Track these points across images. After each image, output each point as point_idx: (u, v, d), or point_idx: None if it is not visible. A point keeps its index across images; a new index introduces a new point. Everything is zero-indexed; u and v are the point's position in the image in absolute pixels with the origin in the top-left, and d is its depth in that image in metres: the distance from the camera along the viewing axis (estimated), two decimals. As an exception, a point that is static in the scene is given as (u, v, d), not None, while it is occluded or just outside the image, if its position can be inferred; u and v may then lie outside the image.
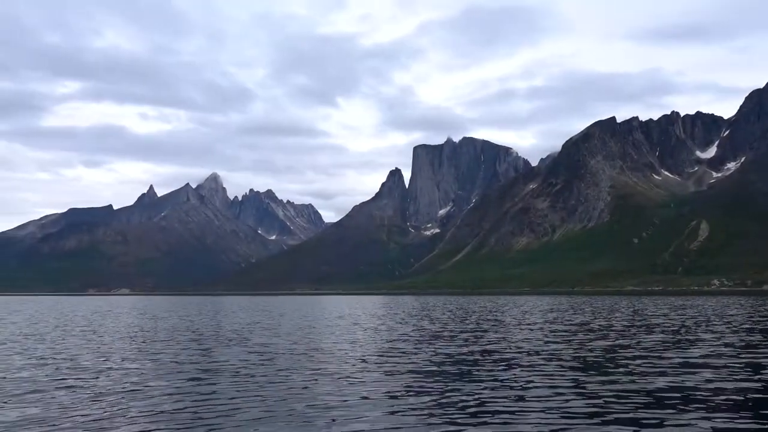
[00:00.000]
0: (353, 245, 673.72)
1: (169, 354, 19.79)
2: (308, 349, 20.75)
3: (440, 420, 9.99)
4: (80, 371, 15.59)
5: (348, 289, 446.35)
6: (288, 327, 33.45)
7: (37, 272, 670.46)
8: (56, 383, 13.64)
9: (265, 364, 16.93)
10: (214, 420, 9.92)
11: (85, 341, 24.79)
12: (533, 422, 9.81)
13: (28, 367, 16.49)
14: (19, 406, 11.22)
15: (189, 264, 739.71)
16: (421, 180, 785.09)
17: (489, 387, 12.96)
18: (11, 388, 13.04)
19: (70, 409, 10.92)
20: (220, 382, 13.80)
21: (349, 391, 12.57)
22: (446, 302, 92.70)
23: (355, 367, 16.22)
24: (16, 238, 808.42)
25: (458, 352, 19.80)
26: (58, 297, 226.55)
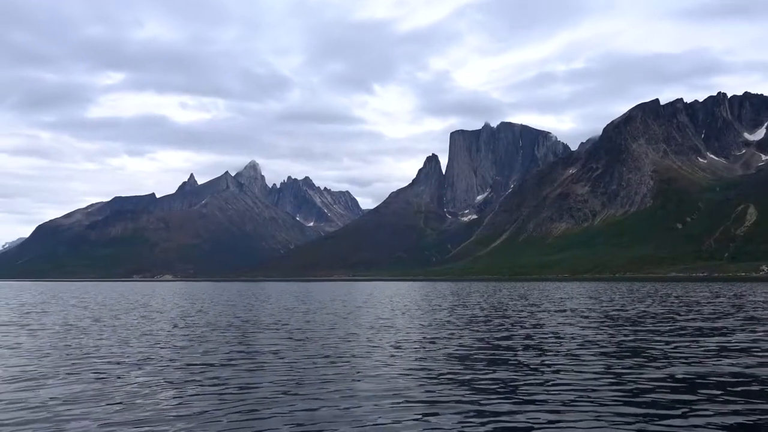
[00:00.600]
0: (390, 232, 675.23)
1: (212, 338, 20.35)
2: (345, 335, 21.09)
3: (471, 406, 10.08)
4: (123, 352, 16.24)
5: (384, 275, 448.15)
6: (325, 312, 33.94)
7: (85, 259, 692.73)
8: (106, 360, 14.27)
9: (301, 348, 17.30)
10: (250, 403, 10.27)
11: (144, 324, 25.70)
12: (562, 409, 9.82)
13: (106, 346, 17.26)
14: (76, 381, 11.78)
15: (229, 250, 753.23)
16: (459, 166, 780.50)
17: (520, 372, 13.03)
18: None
19: (110, 385, 11.45)
20: (257, 365, 14.19)
21: (383, 376, 12.80)
22: (483, 289, 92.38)
23: (390, 352, 16.45)
24: (65, 225, 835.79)
25: (492, 337, 19.86)
26: (108, 283, 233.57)
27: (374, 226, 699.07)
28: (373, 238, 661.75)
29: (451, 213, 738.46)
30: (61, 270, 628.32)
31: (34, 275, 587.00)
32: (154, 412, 9.61)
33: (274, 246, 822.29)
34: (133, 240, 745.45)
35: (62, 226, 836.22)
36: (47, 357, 15.62)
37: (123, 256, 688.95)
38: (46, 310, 37.21)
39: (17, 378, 12.52)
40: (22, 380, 12.27)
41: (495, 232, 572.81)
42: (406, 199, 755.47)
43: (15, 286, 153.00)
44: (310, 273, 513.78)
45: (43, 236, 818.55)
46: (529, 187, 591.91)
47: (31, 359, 15.24)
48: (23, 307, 42.50)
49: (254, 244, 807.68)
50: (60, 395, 10.79)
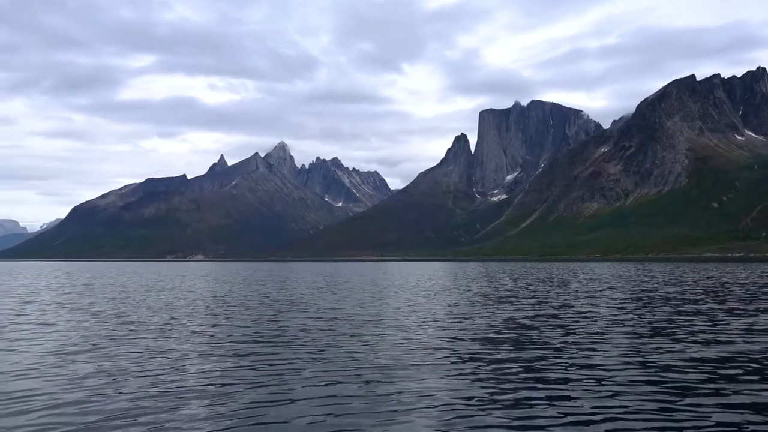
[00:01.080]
0: (419, 212, 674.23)
1: (243, 317, 20.77)
2: (372, 314, 21.32)
3: (493, 384, 10.17)
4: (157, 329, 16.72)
5: (413, 255, 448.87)
6: (353, 292, 34.27)
7: (119, 239, 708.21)
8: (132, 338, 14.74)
9: (328, 328, 17.56)
10: (277, 384, 10.54)
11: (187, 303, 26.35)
12: (584, 387, 9.85)
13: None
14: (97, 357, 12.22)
15: (259, 231, 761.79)
16: (488, 145, 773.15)
17: (544, 351, 13.07)
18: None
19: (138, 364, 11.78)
20: (286, 344, 14.48)
21: (409, 355, 12.96)
22: (512, 269, 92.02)
23: (415, 331, 16.61)
24: (100, 207, 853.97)
25: (519, 316, 19.88)
26: (142, 263, 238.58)
27: (403, 207, 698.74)
28: (402, 218, 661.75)
29: (480, 193, 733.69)
30: (97, 250, 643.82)
31: (71, 255, 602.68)
32: (180, 387, 9.88)
33: (303, 226, 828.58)
34: (166, 221, 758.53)
35: (98, 207, 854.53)
36: (84, 334, 16.16)
37: (156, 237, 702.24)
38: (86, 290, 38.32)
39: (55, 353, 13.00)
40: (61, 354, 12.76)
41: (525, 212, 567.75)
42: (435, 179, 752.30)
43: (54, 265, 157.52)
44: (339, 253, 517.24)
45: (80, 217, 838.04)
46: (560, 167, 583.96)
47: (70, 336, 15.78)
48: (63, 287, 43.82)
49: (284, 224, 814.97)
50: (94, 370, 11.21)
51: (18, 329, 17.32)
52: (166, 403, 8.79)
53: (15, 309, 24.04)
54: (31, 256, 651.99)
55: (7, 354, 13.07)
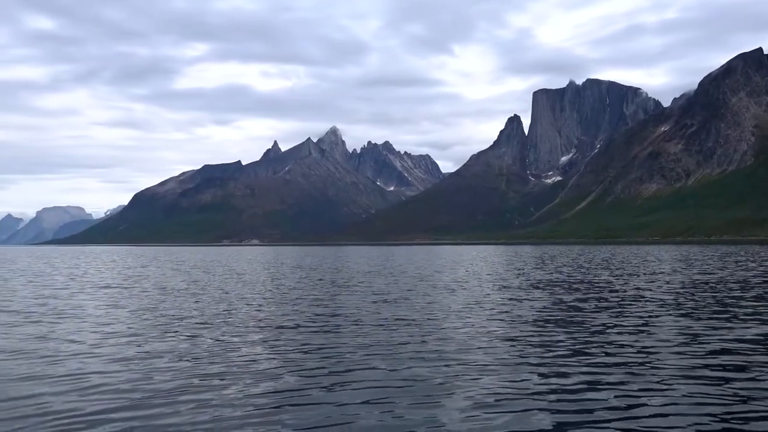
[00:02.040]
0: (471, 195, 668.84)
1: (297, 299, 21.29)
2: (423, 297, 21.49)
3: (537, 364, 10.21)
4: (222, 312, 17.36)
5: (466, 239, 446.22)
6: (405, 275, 34.50)
7: (178, 224, 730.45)
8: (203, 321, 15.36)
9: (378, 310, 17.81)
10: (330, 365, 10.83)
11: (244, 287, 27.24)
12: (633, 370, 9.84)
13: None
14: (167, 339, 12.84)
15: (312, 215, 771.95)
16: (542, 126, 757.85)
17: (594, 334, 12.95)
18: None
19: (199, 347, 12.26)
20: (337, 326, 14.80)
21: (460, 337, 13.07)
22: (567, 252, 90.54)
23: (465, 314, 16.68)
24: (159, 193, 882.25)
25: (571, 299, 19.67)
26: (199, 247, 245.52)
27: (455, 190, 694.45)
28: (454, 201, 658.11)
29: (534, 175, 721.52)
30: (157, 235, 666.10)
31: (133, 240, 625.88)
32: (227, 367, 10.23)
33: (356, 211, 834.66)
34: (222, 206, 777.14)
35: (157, 194, 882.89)
36: (144, 316, 16.93)
37: (213, 222, 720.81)
38: (147, 274, 39.90)
39: (117, 334, 13.70)
40: (122, 336, 13.44)
41: (580, 194, 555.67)
42: (487, 162, 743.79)
43: (118, 250, 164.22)
44: (391, 237, 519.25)
45: (141, 204, 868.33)
46: (617, 147, 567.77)
47: (131, 318, 16.57)
48: (129, 269, 45.69)
49: (336, 209, 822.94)
50: (152, 351, 11.69)
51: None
52: (216, 382, 9.24)
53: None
54: (96, 241, 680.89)
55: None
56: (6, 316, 16.90)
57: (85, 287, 27.45)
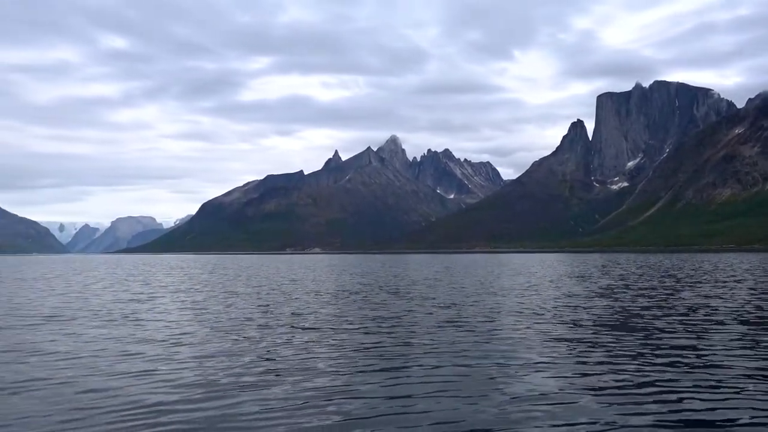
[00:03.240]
0: (533, 202, 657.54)
1: (359, 305, 21.82)
2: (489, 303, 21.61)
3: (595, 364, 10.17)
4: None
5: (528, 247, 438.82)
6: (469, 283, 34.57)
7: (243, 233, 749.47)
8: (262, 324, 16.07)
9: (437, 316, 18.08)
10: (389, 363, 11.15)
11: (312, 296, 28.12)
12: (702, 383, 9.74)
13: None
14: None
15: (372, 224, 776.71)
16: (607, 131, 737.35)
17: (653, 338, 12.83)
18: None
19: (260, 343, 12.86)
20: (398, 331, 15.18)
21: (525, 343, 13.23)
22: (634, 260, 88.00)
23: (533, 319, 16.75)
24: (225, 203, 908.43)
25: (634, 306, 19.37)
26: (264, 255, 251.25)
27: (517, 197, 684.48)
28: (516, 208, 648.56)
29: (599, 181, 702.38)
30: (223, 244, 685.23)
31: (200, 249, 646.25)
32: (291, 363, 10.77)
33: (416, 219, 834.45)
34: (285, 215, 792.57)
35: (223, 203, 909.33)
36: (204, 320, 17.80)
37: (276, 231, 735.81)
38: (213, 280, 41.49)
39: (191, 335, 14.55)
40: (195, 336, 14.29)
41: (648, 200, 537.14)
42: (550, 168, 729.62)
43: (189, 258, 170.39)
44: (452, 245, 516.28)
45: (208, 213, 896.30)
46: (688, 151, 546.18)
47: (191, 322, 17.47)
48: (201, 275, 47.56)
49: (397, 217, 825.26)
50: (210, 352, 12.31)
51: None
52: (278, 377, 9.79)
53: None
54: (166, 250, 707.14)
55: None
56: (91, 318, 18.15)
57: (165, 292, 28.92)
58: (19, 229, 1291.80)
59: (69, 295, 27.70)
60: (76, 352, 12.13)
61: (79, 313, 19.28)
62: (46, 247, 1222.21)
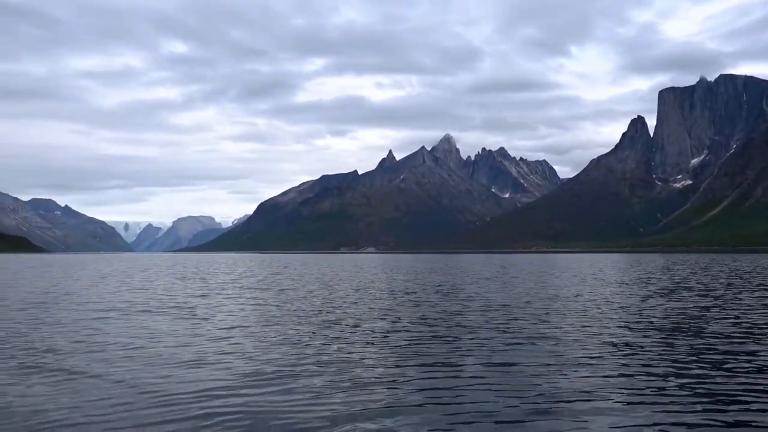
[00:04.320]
0: (591, 201, 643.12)
1: (412, 305, 21.82)
2: (541, 305, 21.25)
3: (651, 366, 10.00)
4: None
5: (586, 246, 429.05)
6: (525, 285, 34.09)
7: (299, 233, 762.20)
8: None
9: (492, 318, 17.87)
10: (439, 374, 11.11)
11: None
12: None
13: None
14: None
15: (427, 223, 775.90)
16: (669, 127, 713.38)
17: (717, 342, 12.29)
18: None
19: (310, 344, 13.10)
20: (456, 334, 15.08)
21: (581, 344, 12.94)
22: (699, 261, 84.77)
23: (589, 322, 16.37)
24: (281, 203, 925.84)
25: (692, 308, 18.64)
26: (319, 255, 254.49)
27: (574, 196, 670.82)
28: (573, 208, 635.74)
29: (660, 179, 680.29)
30: (279, 243, 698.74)
31: (257, 248, 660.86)
32: (330, 359, 10.85)
33: (470, 218, 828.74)
34: (340, 215, 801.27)
35: (279, 203, 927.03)
36: (264, 314, 18.13)
37: (331, 230, 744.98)
38: (273, 278, 42.29)
39: (250, 329, 14.85)
40: (253, 330, 14.58)
41: (714, 198, 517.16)
42: (609, 166, 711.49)
43: (245, 257, 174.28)
44: (507, 245, 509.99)
45: (264, 213, 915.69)
46: (757, 147, 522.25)
47: (251, 316, 17.82)
48: (271, 277, 48.57)
49: (451, 216, 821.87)
50: (269, 343, 12.67)
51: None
52: (331, 368, 9.90)
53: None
54: (225, 249, 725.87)
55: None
56: (160, 313, 18.81)
57: (229, 288, 29.70)
58: (88, 228, 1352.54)
59: (143, 290, 28.78)
60: (154, 342, 12.59)
61: (152, 306, 20.04)
62: (112, 246, 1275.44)
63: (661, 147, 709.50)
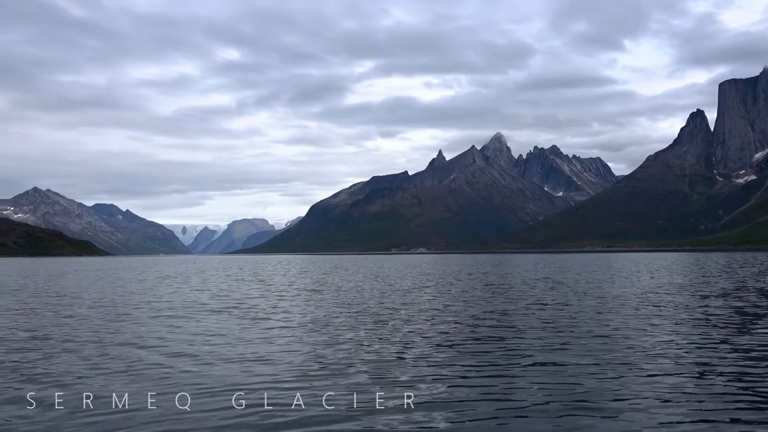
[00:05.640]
0: (648, 198, 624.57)
1: (467, 303, 22.11)
2: (602, 306, 21.19)
3: (715, 365, 10.04)
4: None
5: (643, 245, 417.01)
6: (578, 284, 33.82)
7: (350, 234, 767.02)
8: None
9: (551, 319, 17.97)
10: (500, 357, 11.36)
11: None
12: None
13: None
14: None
15: (478, 223, 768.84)
16: (731, 120, 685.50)
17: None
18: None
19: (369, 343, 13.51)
20: (514, 328, 15.33)
21: (645, 347, 13.02)
22: (763, 260, 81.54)
23: (652, 321, 16.33)
24: (332, 204, 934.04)
25: (756, 309, 18.25)
26: (372, 255, 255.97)
27: (630, 193, 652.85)
28: (629, 206, 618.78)
29: (722, 174, 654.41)
30: (331, 245, 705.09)
31: (309, 250, 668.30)
32: (404, 349, 11.20)
33: (523, 218, 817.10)
34: (390, 216, 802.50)
35: (330, 205, 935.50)
36: (323, 311, 18.76)
37: (382, 231, 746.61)
38: (332, 281, 43.19)
39: (304, 327, 15.48)
40: (307, 325, 15.18)
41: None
42: (666, 162, 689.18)
43: (299, 258, 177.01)
44: (561, 244, 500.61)
45: (316, 215, 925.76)
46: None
47: (313, 321, 18.47)
48: (325, 277, 49.64)
49: (502, 216, 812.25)
50: (332, 338, 13.18)
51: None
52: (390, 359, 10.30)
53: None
54: (278, 250, 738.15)
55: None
56: (224, 312, 19.73)
57: (287, 288, 30.64)
58: (148, 232, 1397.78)
59: (206, 291, 30.01)
60: (218, 339, 13.28)
61: (216, 306, 20.97)
62: (170, 248, 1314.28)
63: (723, 141, 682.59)
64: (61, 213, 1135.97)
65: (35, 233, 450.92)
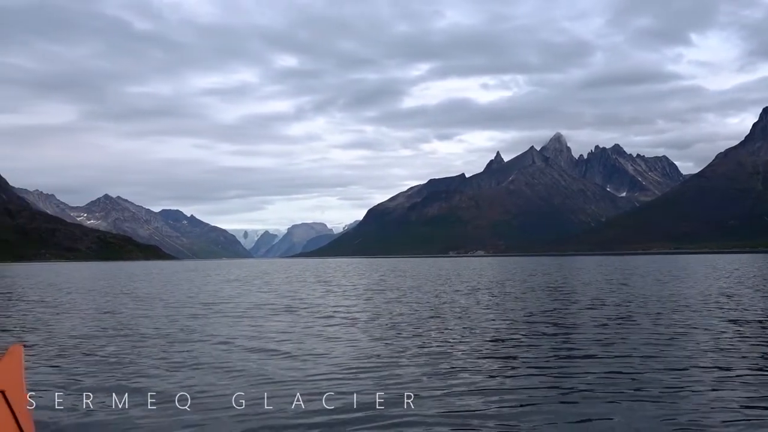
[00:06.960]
0: (718, 198, 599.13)
1: (523, 309, 21.77)
2: (672, 311, 20.52)
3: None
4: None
5: (714, 247, 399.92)
6: (650, 290, 32.85)
7: (407, 237, 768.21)
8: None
9: (616, 326, 17.51)
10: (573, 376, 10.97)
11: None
12: None
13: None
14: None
15: (537, 225, 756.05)
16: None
17: None
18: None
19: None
20: (583, 339, 15.00)
21: (704, 342, 12.54)
22: None
23: (721, 329, 15.70)
24: (389, 208, 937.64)
25: None
26: (430, 259, 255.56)
27: (698, 193, 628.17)
28: (698, 206, 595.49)
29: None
30: (388, 248, 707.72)
31: (367, 253, 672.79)
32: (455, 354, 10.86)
33: (584, 219, 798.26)
34: (448, 219, 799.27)
35: (388, 208, 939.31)
36: (381, 312, 18.82)
37: (439, 234, 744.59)
38: (392, 284, 43.42)
39: (360, 329, 15.55)
40: (361, 328, 15.25)
41: None
42: (738, 160, 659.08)
43: (358, 261, 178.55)
44: (625, 247, 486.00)
45: (373, 218, 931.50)
46: None
47: (373, 322, 18.54)
48: (385, 280, 49.99)
49: (563, 217, 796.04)
50: (389, 336, 12.90)
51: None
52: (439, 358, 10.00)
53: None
54: (337, 254, 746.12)
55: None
56: (289, 313, 20.14)
57: (349, 290, 31.00)
58: (212, 236, 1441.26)
59: (272, 292, 30.68)
60: (286, 338, 13.17)
61: (283, 306, 21.39)
62: (233, 253, 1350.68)
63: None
64: (130, 219, 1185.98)
65: (106, 239, 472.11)
